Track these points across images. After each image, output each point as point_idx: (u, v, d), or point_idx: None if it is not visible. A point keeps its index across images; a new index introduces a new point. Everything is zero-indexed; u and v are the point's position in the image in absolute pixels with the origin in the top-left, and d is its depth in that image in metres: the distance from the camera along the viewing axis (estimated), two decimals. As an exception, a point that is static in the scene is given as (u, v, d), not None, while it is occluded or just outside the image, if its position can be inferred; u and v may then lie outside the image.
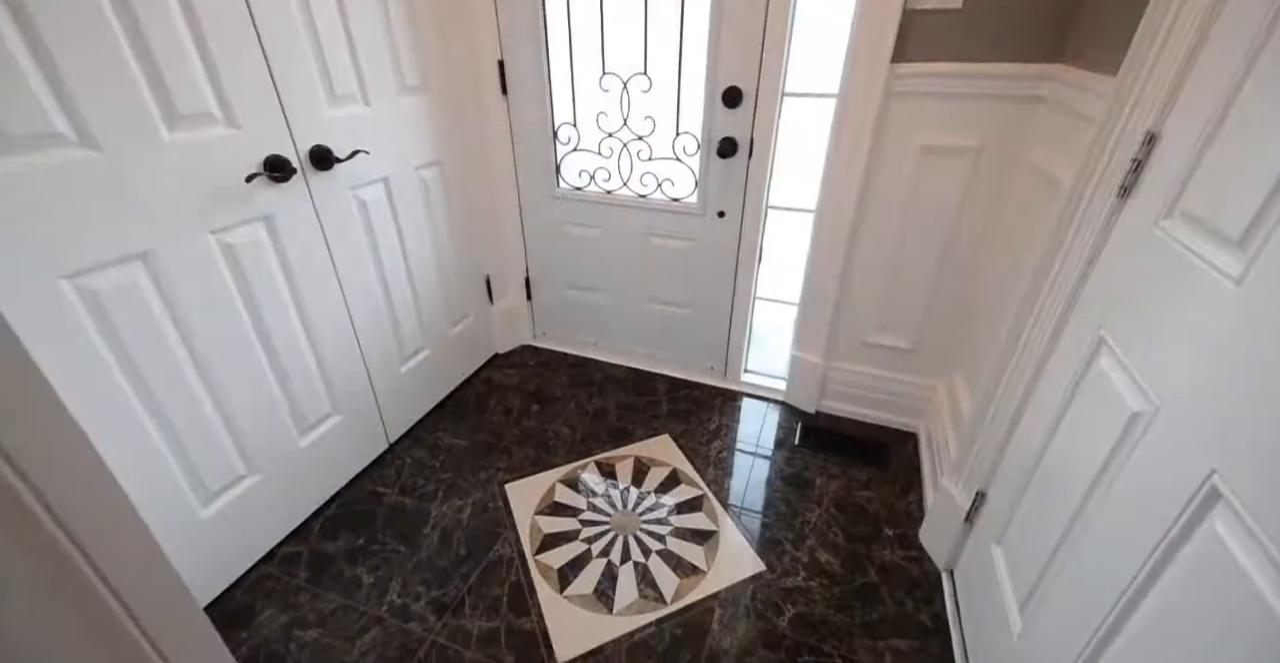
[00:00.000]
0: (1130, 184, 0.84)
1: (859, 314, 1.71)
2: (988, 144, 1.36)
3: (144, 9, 0.92)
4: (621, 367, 2.14)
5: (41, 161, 0.84)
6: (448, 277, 1.82)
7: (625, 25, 1.60)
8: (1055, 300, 0.99)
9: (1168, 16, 0.79)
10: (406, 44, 1.45)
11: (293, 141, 1.21)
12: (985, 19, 1.25)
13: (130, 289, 0.98)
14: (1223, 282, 0.63)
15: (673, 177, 1.78)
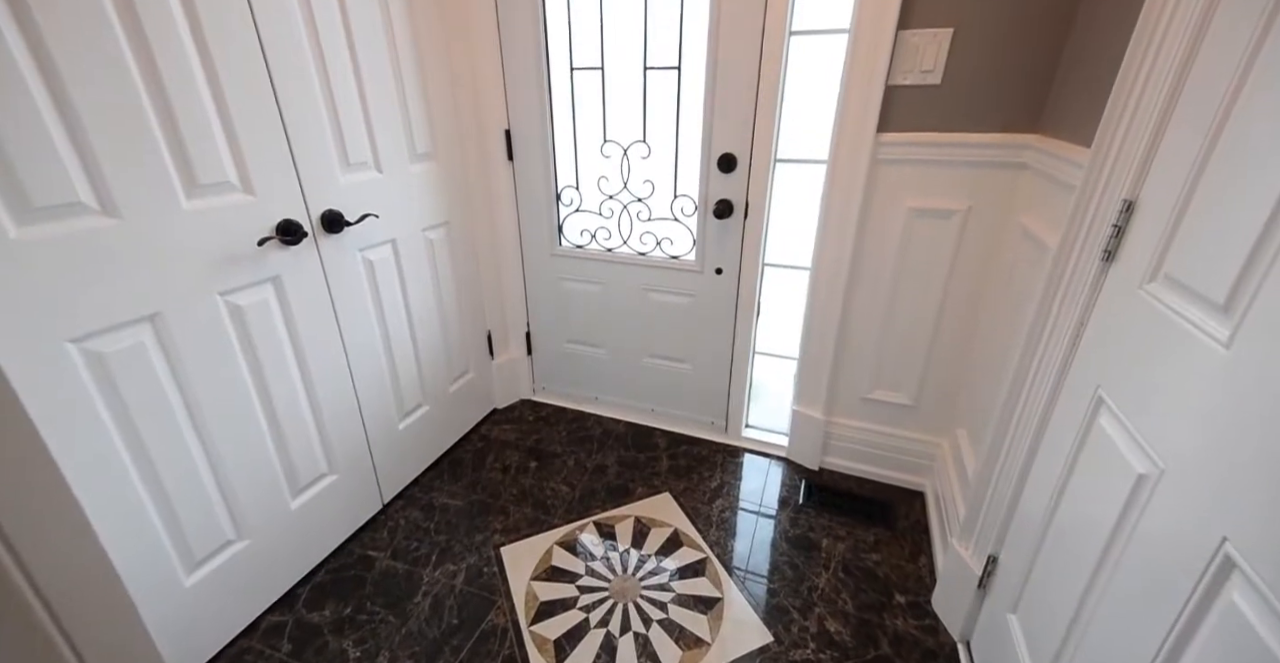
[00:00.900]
0: (1113, 249, 0.87)
1: (858, 370, 1.71)
2: (975, 207, 1.42)
3: (174, 87, 0.98)
4: (621, 422, 2.12)
5: (61, 230, 0.87)
6: (449, 333, 1.84)
7: (625, 98, 1.70)
8: (1050, 359, 0.99)
9: (1134, 92, 0.85)
10: (419, 115, 1.54)
11: (306, 207, 1.26)
12: (963, 93, 1.33)
13: (136, 352, 0.99)
14: (1213, 345, 0.64)
15: (671, 236, 1.84)
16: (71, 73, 0.85)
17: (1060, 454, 0.95)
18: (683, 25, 1.55)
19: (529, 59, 1.70)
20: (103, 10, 0.87)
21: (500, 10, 1.67)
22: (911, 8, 1.29)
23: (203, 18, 1.00)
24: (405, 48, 1.45)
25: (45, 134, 0.83)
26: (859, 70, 1.37)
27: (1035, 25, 1.23)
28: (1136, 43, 0.85)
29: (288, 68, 1.17)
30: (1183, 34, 0.76)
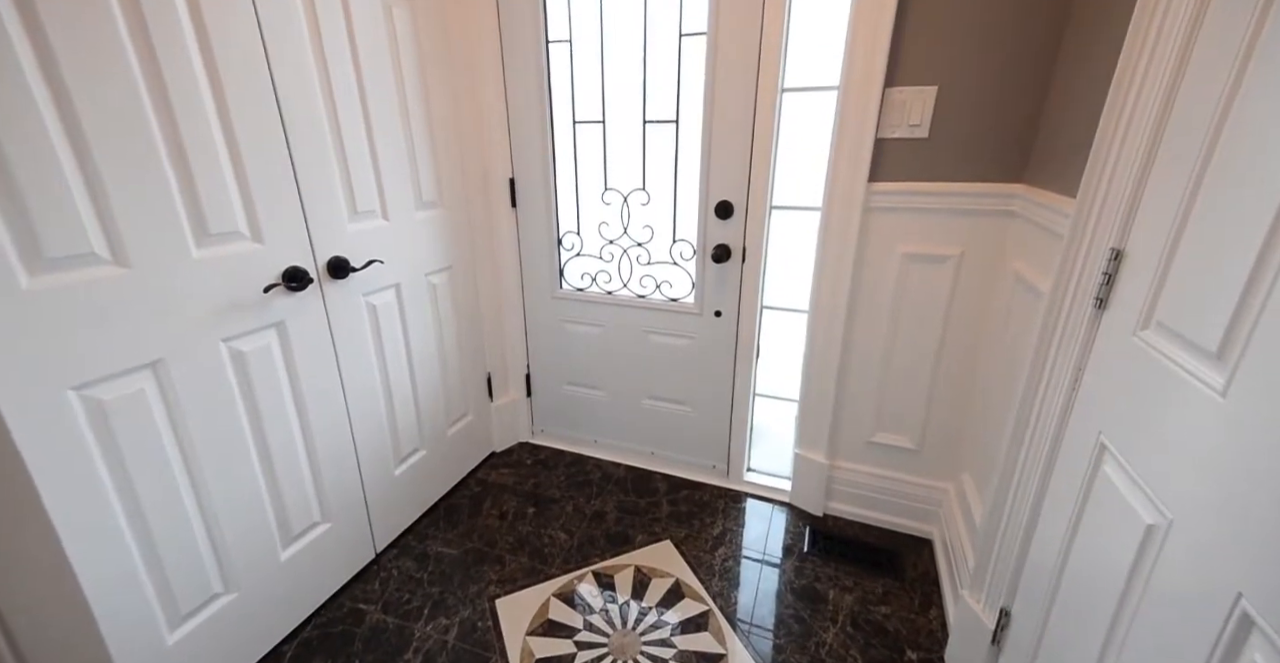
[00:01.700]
0: (1105, 296, 0.88)
1: (860, 413, 1.70)
2: (967, 253, 1.45)
3: (192, 140, 1.02)
4: (621, 465, 2.08)
5: (71, 279, 0.89)
6: (449, 375, 1.83)
7: (626, 149, 1.76)
8: (1051, 405, 0.99)
9: (1114, 146, 0.88)
10: (426, 165, 1.60)
11: (312, 253, 1.29)
12: (950, 146, 1.38)
13: (136, 399, 0.99)
14: (1209, 394, 0.65)
15: (671, 279, 1.87)
16: (94, 126, 0.88)
17: (1067, 502, 0.93)
18: (680, 82, 1.63)
19: (533, 113, 1.78)
20: (129, 69, 0.92)
21: (506, 66, 1.75)
22: (897, 67, 1.36)
23: (223, 74, 1.05)
24: (415, 101, 1.52)
25: (65, 185, 0.86)
26: (849, 125, 1.43)
27: (1016, 83, 1.30)
28: (1114, 98, 0.89)
29: (302, 120, 1.22)
30: (1158, 90, 0.80)
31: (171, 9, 0.96)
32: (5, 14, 0.78)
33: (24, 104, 0.81)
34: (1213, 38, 0.72)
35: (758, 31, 1.47)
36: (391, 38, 1.42)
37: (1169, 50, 0.78)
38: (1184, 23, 0.76)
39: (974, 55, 1.30)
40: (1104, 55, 1.02)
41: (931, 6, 1.30)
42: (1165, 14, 0.80)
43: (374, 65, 1.37)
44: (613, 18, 1.62)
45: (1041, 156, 1.28)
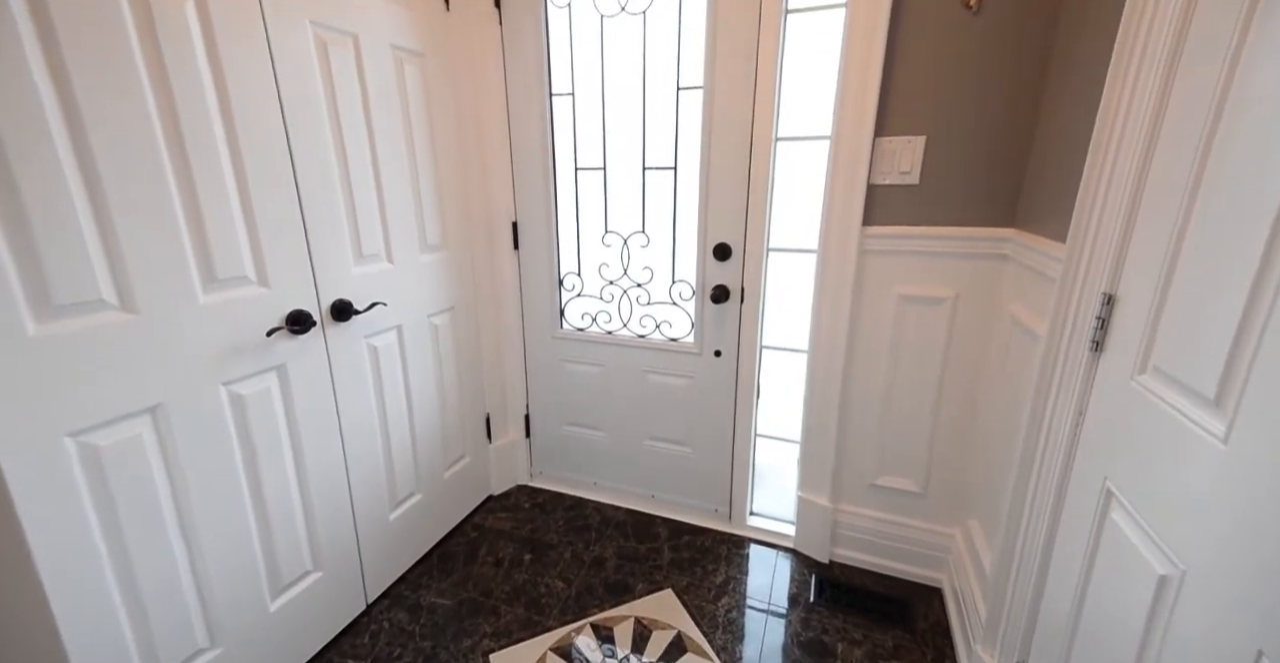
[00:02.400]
0: (1100, 340, 0.89)
1: (863, 454, 1.68)
2: (963, 295, 1.47)
3: (205, 188, 1.05)
4: (621, 509, 2.04)
5: (78, 326, 0.90)
6: (448, 416, 1.82)
7: (626, 194, 1.81)
8: (1054, 450, 0.98)
9: (1099, 193, 0.91)
10: (432, 209, 1.64)
11: (317, 297, 1.31)
12: (940, 192, 1.42)
13: (132, 445, 0.98)
14: (1211, 441, 0.64)
15: (670, 319, 1.89)
16: (111, 174, 0.91)
17: (1077, 551, 0.91)
18: (678, 132, 1.70)
19: (537, 160, 1.84)
20: (148, 118, 0.96)
21: (511, 117, 1.83)
22: (886, 118, 1.42)
23: (238, 123, 1.09)
24: (422, 149, 1.58)
25: (79, 233, 0.88)
26: (842, 172, 1.47)
27: (1001, 132, 1.35)
28: (1097, 145, 0.92)
29: (313, 168, 1.26)
30: (1139, 137, 0.83)
31: (191, 60, 1.01)
32: (32, 60, 0.82)
33: (46, 154, 0.84)
34: (1187, 88, 0.76)
35: (751, 86, 1.54)
36: (402, 91, 1.49)
37: (1147, 98, 0.82)
38: (1159, 73, 0.80)
39: (959, 107, 1.36)
40: (1085, 104, 1.07)
41: (916, 62, 1.36)
42: (1140, 66, 0.84)
43: (384, 116, 1.43)
44: (613, 73, 1.70)
45: (1030, 202, 1.31)
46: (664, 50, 1.63)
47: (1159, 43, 0.80)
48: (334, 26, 1.28)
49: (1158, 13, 0.80)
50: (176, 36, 0.98)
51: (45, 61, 0.83)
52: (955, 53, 1.33)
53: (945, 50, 1.33)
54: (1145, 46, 0.82)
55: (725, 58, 1.54)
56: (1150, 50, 0.82)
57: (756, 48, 1.51)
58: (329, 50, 1.27)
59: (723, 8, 1.50)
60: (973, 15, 1.29)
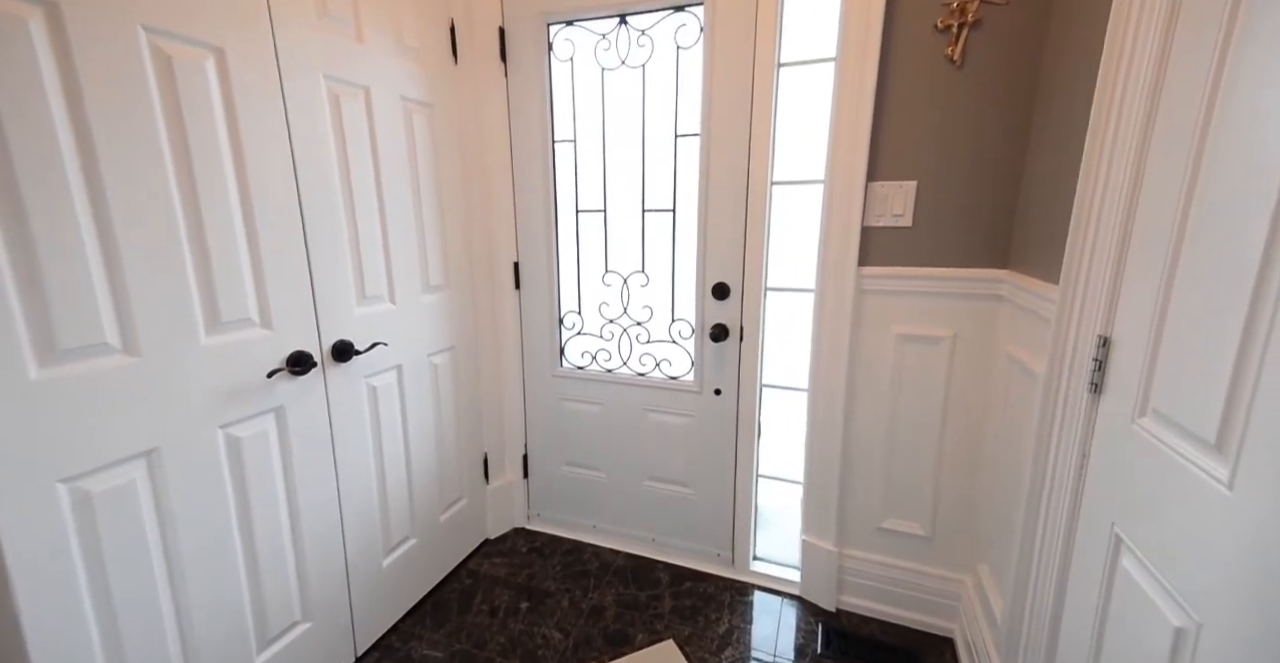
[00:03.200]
0: (1099, 382, 0.89)
1: (867, 496, 1.65)
2: (960, 334, 1.48)
3: (214, 232, 1.07)
4: (620, 553, 1.99)
5: (80, 369, 0.90)
6: (445, 457, 1.80)
7: (626, 235, 1.85)
8: (1059, 494, 0.97)
9: (1089, 233, 0.93)
10: (435, 251, 1.67)
11: (318, 338, 1.32)
12: (933, 234, 1.45)
13: (125, 490, 0.97)
14: (1215, 486, 0.64)
15: (670, 357, 1.89)
16: (123, 218, 0.93)
17: (1090, 601, 0.88)
18: (676, 176, 1.75)
19: (539, 203, 1.89)
20: (162, 162, 0.98)
21: (515, 162, 1.88)
22: (877, 164, 1.46)
23: (250, 169, 1.12)
24: (427, 193, 1.62)
25: (87, 277, 0.90)
26: (836, 215, 1.51)
27: (990, 178, 1.39)
28: (1083, 189, 0.95)
29: (321, 212, 1.29)
30: (1123, 183, 0.86)
31: (208, 112, 1.05)
32: (56, 113, 0.85)
33: (62, 203, 0.86)
34: (1166, 136, 0.79)
35: (746, 133, 1.60)
36: (410, 139, 1.54)
37: (1128, 146, 0.85)
38: (1138, 122, 0.83)
39: (947, 153, 1.40)
40: (1068, 152, 1.11)
41: (904, 112, 1.42)
42: (1120, 117, 0.87)
43: (391, 163, 1.48)
44: (614, 121, 1.77)
45: (1022, 244, 1.34)
46: (662, 100, 1.70)
47: (1136, 96, 0.84)
48: (347, 80, 1.34)
49: (1133, 66, 0.84)
50: (195, 90, 1.03)
51: (68, 114, 0.87)
52: (941, 103, 1.38)
53: (932, 101, 1.39)
54: (1123, 98, 0.86)
55: (721, 107, 1.61)
56: (1128, 103, 0.85)
57: (751, 98, 1.57)
58: (341, 102, 1.32)
59: (718, 62, 1.58)
60: (957, 69, 1.35)
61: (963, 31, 1.32)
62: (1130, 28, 0.85)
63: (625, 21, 1.67)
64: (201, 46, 1.04)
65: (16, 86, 0.81)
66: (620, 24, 1.68)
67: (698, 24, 1.60)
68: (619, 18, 1.67)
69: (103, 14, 0.89)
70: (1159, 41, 0.79)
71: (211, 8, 1.04)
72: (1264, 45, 0.62)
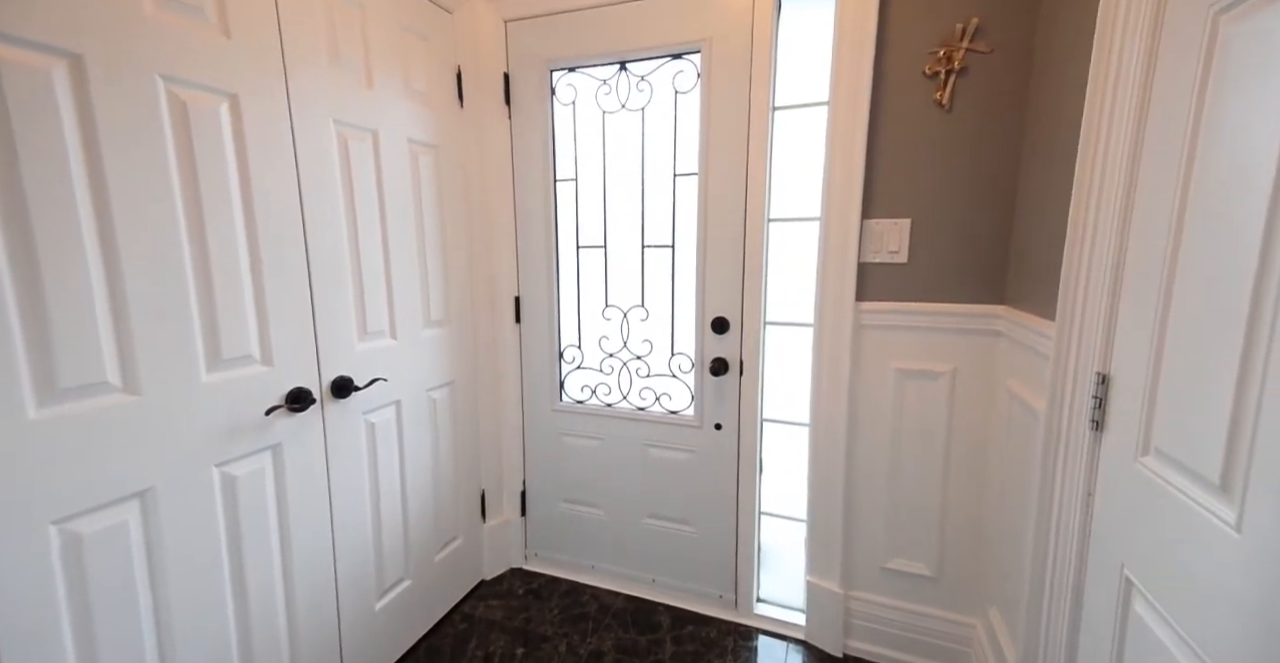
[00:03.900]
0: (1099, 419, 0.89)
1: (871, 535, 1.62)
2: (959, 369, 1.48)
3: (220, 272, 1.09)
4: (620, 595, 1.93)
5: (79, 409, 0.90)
6: (442, 494, 1.77)
7: (626, 270, 1.88)
8: (1067, 534, 0.95)
9: (1082, 270, 0.94)
10: (438, 287, 1.69)
11: (318, 374, 1.32)
12: (929, 270, 1.48)
13: (116, 532, 0.95)
14: (1224, 528, 0.63)
15: (670, 391, 1.88)
16: (131, 256, 0.94)
17: (1104, 649, 0.86)
18: (675, 213, 1.78)
19: (540, 239, 1.92)
20: (173, 200, 1.00)
21: (517, 200, 1.93)
22: (871, 202, 1.50)
23: (258, 208, 1.15)
24: (431, 231, 1.65)
25: (92, 316, 0.90)
26: (833, 251, 1.54)
27: (982, 216, 1.42)
28: (1073, 232, 0.97)
29: (326, 249, 1.31)
30: (1112, 222, 0.87)
31: (220, 155, 1.08)
32: (72, 153, 0.88)
33: (73, 242, 0.88)
34: (1152, 174, 0.81)
35: (743, 173, 1.64)
36: (415, 179, 1.58)
37: (1116, 187, 0.87)
38: (1124, 160, 0.85)
39: (940, 192, 1.44)
40: (1057, 198, 1.13)
41: (896, 153, 1.46)
42: (1105, 156, 0.90)
43: (397, 202, 1.51)
44: (614, 161, 1.82)
45: (1017, 281, 1.36)
46: (661, 141, 1.75)
47: (1119, 139, 0.87)
48: (356, 124, 1.38)
49: (1115, 111, 0.88)
50: (208, 134, 1.06)
51: (84, 157, 0.89)
52: (932, 145, 1.43)
53: (922, 143, 1.43)
54: (1107, 142, 0.89)
55: (718, 148, 1.66)
56: (1112, 146, 0.88)
57: (747, 139, 1.62)
58: (349, 144, 1.37)
59: (714, 106, 1.64)
60: (946, 112, 1.40)
61: (950, 78, 1.37)
62: (1110, 76, 0.88)
63: (625, 68, 1.74)
64: (217, 93, 1.08)
65: (37, 133, 0.84)
66: (620, 70, 1.74)
67: (694, 71, 1.66)
68: (619, 64, 1.74)
69: (124, 65, 0.93)
70: (1138, 91, 0.83)
71: (229, 57, 1.09)
72: (1242, 90, 0.65)
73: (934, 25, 1.37)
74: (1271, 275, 0.59)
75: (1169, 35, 0.78)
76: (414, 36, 1.56)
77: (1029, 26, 1.31)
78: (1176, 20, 0.77)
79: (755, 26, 1.55)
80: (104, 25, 0.90)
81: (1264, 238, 0.60)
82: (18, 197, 0.82)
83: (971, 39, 1.34)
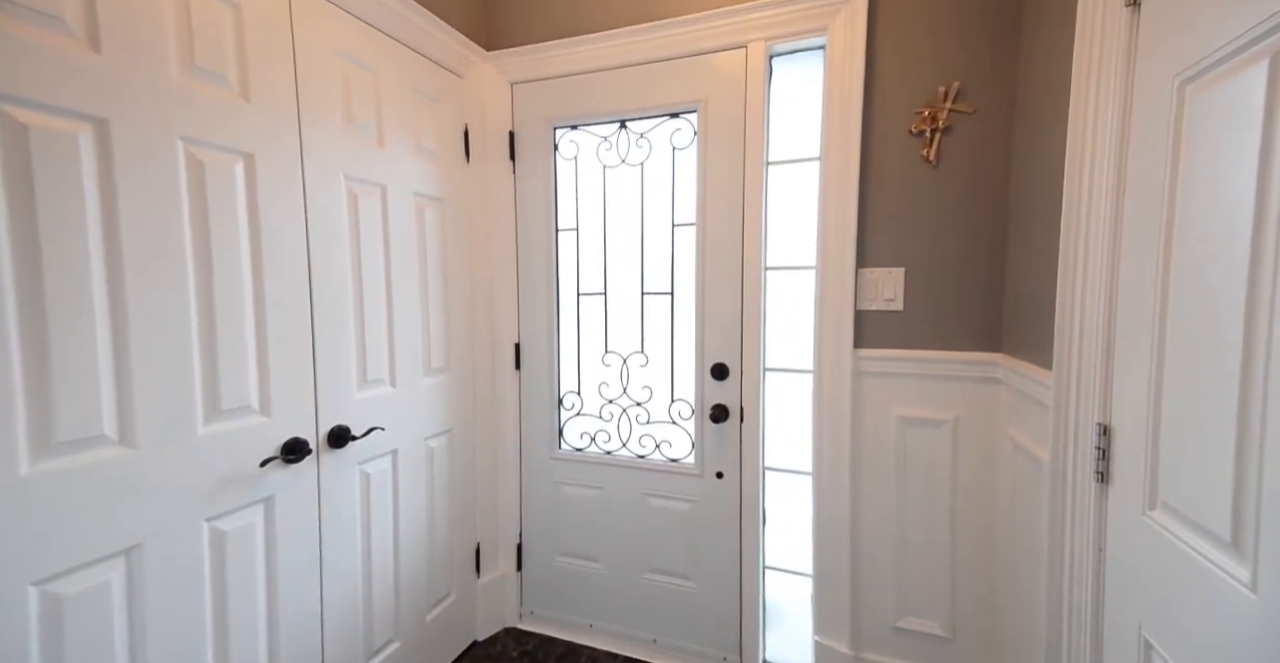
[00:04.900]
0: (1104, 471, 0.88)
1: (880, 592, 1.56)
2: (961, 417, 1.47)
3: (224, 321, 1.09)
4: (619, 657, 1.84)
5: (72, 463, 0.88)
6: (436, 549, 1.72)
7: (625, 317, 1.90)
8: (1080, 592, 0.92)
9: (1075, 324, 0.95)
10: (439, 335, 1.70)
11: (316, 424, 1.31)
12: (925, 318, 1.49)
13: (98, 593, 0.92)
14: (1238, 588, 0.61)
15: (670, 438, 1.86)
16: (139, 317, 0.96)
17: (1131, 716, 0.81)
18: (674, 261, 1.82)
19: (541, 287, 1.95)
20: (183, 265, 1.03)
21: (520, 250, 1.97)
22: (866, 251, 1.53)
23: (266, 259, 1.17)
24: (434, 281, 1.68)
25: (94, 369, 0.91)
26: (830, 298, 1.56)
27: (975, 265, 1.45)
28: (1063, 283, 0.98)
29: (330, 300, 1.33)
30: (1101, 273, 0.89)
31: (232, 212, 1.11)
32: (90, 210, 0.90)
33: (82, 297, 0.89)
34: (1136, 224, 0.83)
35: (739, 223, 1.69)
36: (421, 231, 1.62)
37: (1101, 235, 0.89)
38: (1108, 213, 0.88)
39: (932, 242, 1.48)
40: (1047, 241, 1.16)
41: (887, 205, 1.51)
42: (1090, 211, 0.93)
43: (401, 253, 1.55)
44: (614, 212, 1.87)
45: (1012, 329, 1.37)
46: (660, 193, 1.81)
47: (1101, 194, 0.90)
48: (365, 179, 1.43)
49: (1095, 169, 0.91)
50: (222, 192, 1.10)
51: (101, 215, 0.92)
52: (921, 198, 1.47)
53: (912, 196, 1.48)
54: (1090, 196, 0.92)
55: (715, 200, 1.71)
56: (1095, 201, 0.91)
57: (742, 192, 1.68)
58: (359, 199, 1.41)
59: (711, 161, 1.70)
60: (933, 168, 1.46)
61: (935, 136, 1.43)
62: (1088, 138, 0.93)
63: (625, 126, 1.82)
64: (233, 152, 1.12)
65: (58, 194, 0.87)
66: (620, 128, 1.82)
67: (691, 128, 1.74)
68: (619, 123, 1.82)
69: (147, 128, 0.98)
70: (1115, 151, 0.87)
71: (248, 119, 1.14)
72: (1211, 152, 0.68)
73: (918, 87, 1.45)
74: (1259, 332, 0.60)
75: (1140, 100, 0.83)
76: (425, 99, 1.64)
77: (1009, 89, 1.38)
78: (1145, 88, 0.81)
79: (748, 88, 1.63)
80: (133, 92, 0.95)
81: (1247, 297, 0.61)
82: (33, 254, 0.84)
83: (954, 100, 1.42)
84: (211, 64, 1.08)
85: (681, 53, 1.68)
